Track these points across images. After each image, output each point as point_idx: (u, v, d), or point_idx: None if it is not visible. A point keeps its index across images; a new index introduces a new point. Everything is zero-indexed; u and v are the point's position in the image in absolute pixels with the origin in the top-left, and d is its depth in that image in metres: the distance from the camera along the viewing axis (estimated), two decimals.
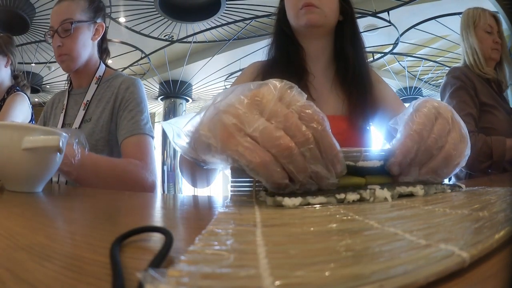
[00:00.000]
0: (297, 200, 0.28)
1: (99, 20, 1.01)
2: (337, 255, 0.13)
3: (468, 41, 1.24)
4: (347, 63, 0.75)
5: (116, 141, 0.92)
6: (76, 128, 0.92)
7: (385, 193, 0.31)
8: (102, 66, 1.03)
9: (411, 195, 0.34)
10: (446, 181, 0.39)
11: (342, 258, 0.13)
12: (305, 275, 0.11)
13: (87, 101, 0.96)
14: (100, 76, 1.00)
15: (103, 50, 1.08)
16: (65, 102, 1.01)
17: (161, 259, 0.15)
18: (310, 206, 0.29)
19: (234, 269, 0.12)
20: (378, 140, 0.83)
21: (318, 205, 0.29)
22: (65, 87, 1.08)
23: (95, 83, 0.99)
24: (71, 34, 0.93)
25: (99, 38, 1.02)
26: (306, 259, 0.13)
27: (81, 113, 0.95)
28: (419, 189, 0.34)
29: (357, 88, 0.74)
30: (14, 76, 1.45)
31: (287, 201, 0.28)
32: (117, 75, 1.02)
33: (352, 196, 0.30)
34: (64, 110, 0.99)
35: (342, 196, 0.30)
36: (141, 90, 0.97)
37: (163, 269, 0.11)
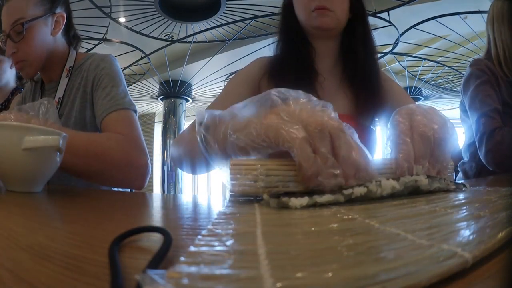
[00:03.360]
0: (304, 200, 0.28)
1: (58, 11, 0.86)
2: (339, 256, 0.13)
3: (500, 33, 1.12)
4: (357, 62, 0.74)
5: (93, 131, 0.81)
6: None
7: (391, 182, 0.31)
8: (73, 55, 0.89)
9: (413, 193, 0.34)
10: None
11: (344, 259, 0.13)
12: (307, 276, 0.11)
13: (59, 98, 0.85)
14: (70, 67, 0.87)
15: (71, 38, 0.93)
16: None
17: (160, 260, 0.15)
18: (317, 206, 0.28)
19: (235, 270, 0.12)
20: (383, 140, 0.83)
21: (325, 204, 0.29)
22: (32, 83, 0.95)
23: (66, 76, 0.86)
24: (25, 36, 0.78)
25: (60, 31, 0.88)
26: (307, 260, 0.13)
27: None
28: (423, 178, 0.34)
29: (366, 87, 0.74)
30: (19, 77, 1.45)
31: (294, 201, 0.28)
32: (88, 57, 0.88)
33: (359, 190, 0.30)
34: None
35: (349, 191, 0.30)
36: (114, 64, 0.85)
37: (163, 270, 0.11)
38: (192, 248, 0.14)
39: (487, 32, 1.17)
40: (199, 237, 0.17)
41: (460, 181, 0.40)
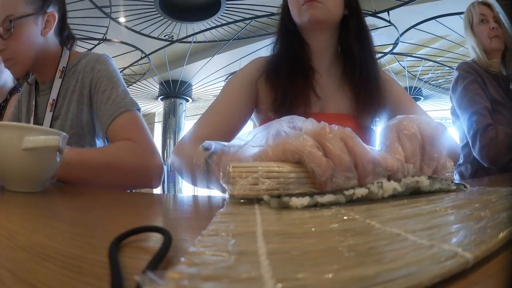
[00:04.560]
0: (305, 200, 0.28)
1: (49, 10, 0.84)
2: (340, 256, 0.13)
3: (470, 38, 1.22)
4: (354, 60, 0.74)
5: (91, 134, 0.83)
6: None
7: (393, 184, 0.31)
8: (66, 55, 0.88)
9: (414, 193, 0.34)
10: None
11: (345, 259, 0.13)
12: (307, 276, 0.11)
13: (53, 100, 0.84)
14: (64, 67, 0.86)
15: (65, 39, 0.91)
16: (33, 102, 0.88)
17: (160, 260, 0.15)
18: (318, 206, 0.28)
19: (235, 271, 0.12)
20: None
21: (326, 204, 0.29)
22: (27, 82, 0.94)
23: (59, 77, 0.85)
24: (13, 34, 0.77)
25: (51, 31, 0.85)
26: (308, 261, 0.13)
27: (48, 114, 0.83)
28: (424, 179, 0.34)
29: (365, 85, 0.73)
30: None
31: (295, 201, 0.28)
32: (81, 57, 0.87)
33: (360, 191, 0.30)
34: (33, 112, 0.88)
35: (350, 192, 0.30)
36: (109, 64, 0.84)
37: (163, 271, 0.11)
38: (192, 248, 0.14)
39: (468, 44, 1.27)
40: (199, 237, 0.17)
41: (460, 182, 0.40)
